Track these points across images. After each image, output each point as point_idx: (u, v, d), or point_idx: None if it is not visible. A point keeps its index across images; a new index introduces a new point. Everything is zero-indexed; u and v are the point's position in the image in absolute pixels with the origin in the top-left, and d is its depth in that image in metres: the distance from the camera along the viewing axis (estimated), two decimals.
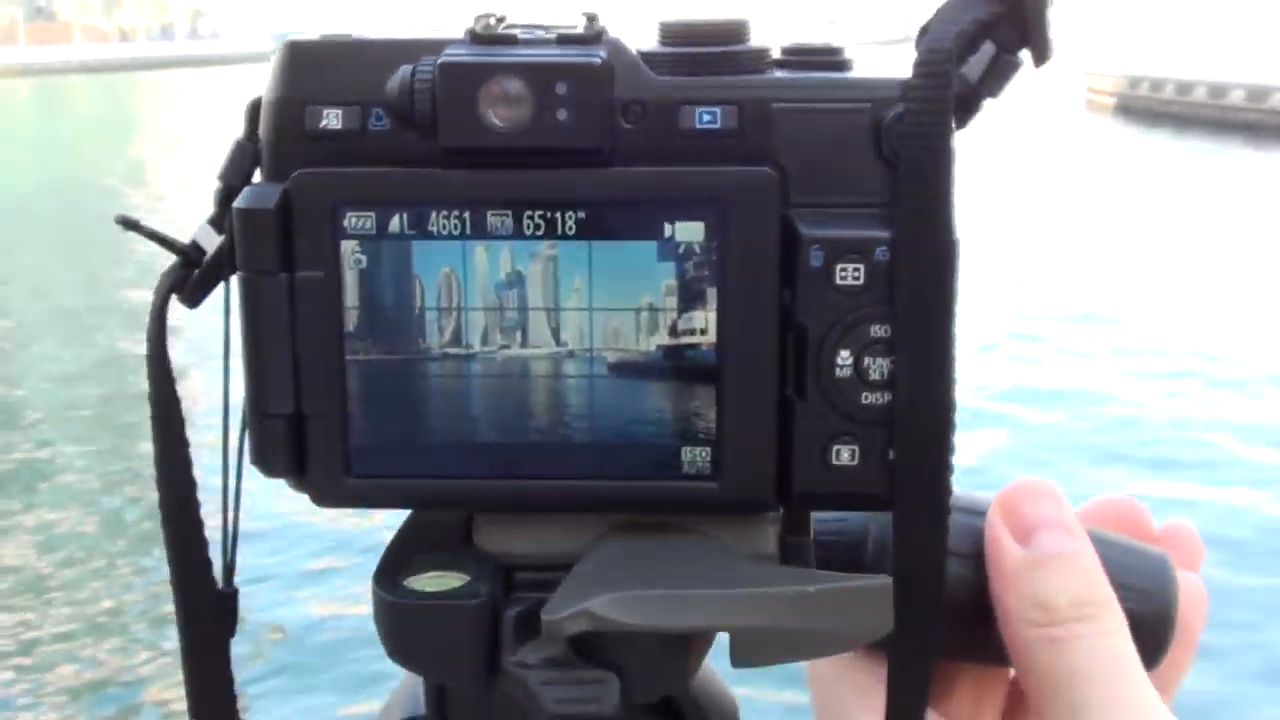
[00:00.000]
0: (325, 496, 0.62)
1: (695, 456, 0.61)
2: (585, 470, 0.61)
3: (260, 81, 0.63)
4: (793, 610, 0.59)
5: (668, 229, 0.59)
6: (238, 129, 0.63)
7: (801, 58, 0.62)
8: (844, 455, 0.61)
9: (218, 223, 0.64)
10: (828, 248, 0.59)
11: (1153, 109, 39.04)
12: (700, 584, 0.59)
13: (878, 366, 0.60)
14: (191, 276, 0.64)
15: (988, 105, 0.61)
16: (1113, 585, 0.71)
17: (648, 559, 0.61)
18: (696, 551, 0.62)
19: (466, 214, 0.60)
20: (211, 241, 0.64)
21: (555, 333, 0.60)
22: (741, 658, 0.59)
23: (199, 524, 0.67)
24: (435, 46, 0.60)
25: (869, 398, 0.60)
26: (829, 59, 0.62)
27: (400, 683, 0.75)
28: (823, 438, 0.61)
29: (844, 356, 0.60)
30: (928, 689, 0.62)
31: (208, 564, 0.67)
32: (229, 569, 0.68)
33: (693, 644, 0.64)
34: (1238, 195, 20.06)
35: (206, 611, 0.68)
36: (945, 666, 0.72)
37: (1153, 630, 0.71)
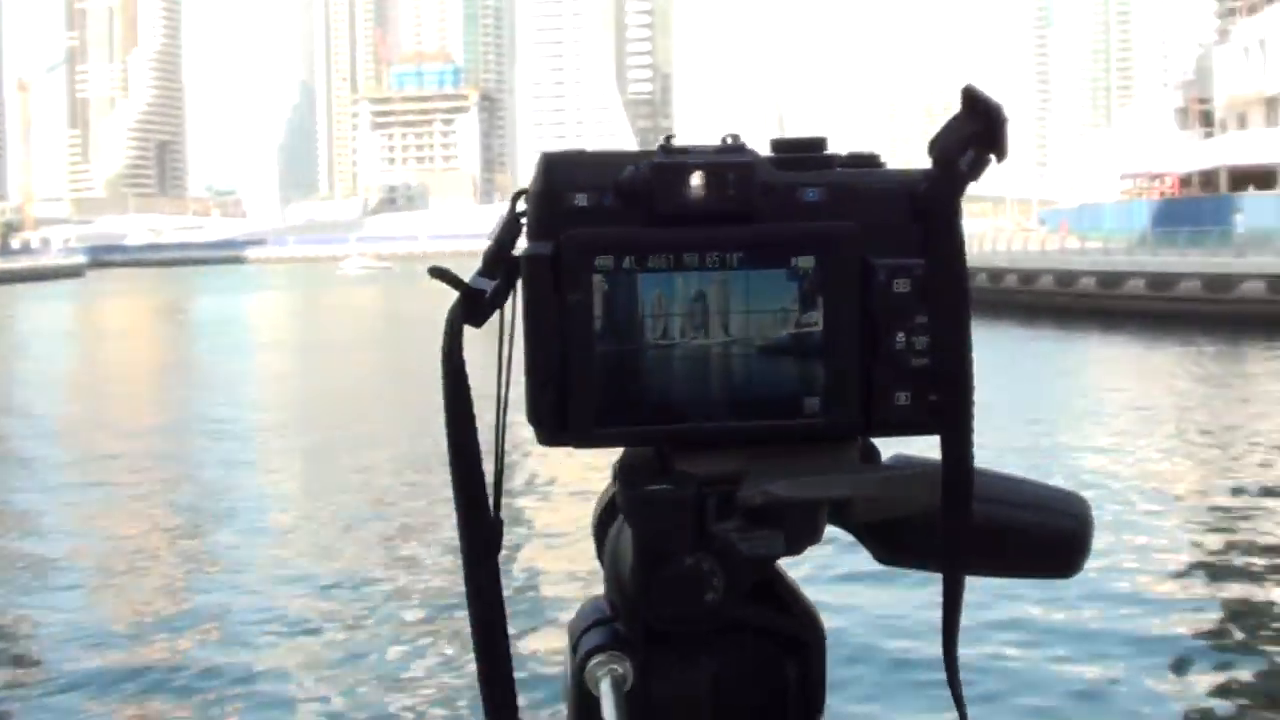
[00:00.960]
0: (580, 442, 0.99)
1: (812, 403, 0.99)
2: (745, 414, 0.98)
3: None
4: (880, 485, 0.97)
5: (793, 261, 0.98)
6: None
7: (857, 158, 1.02)
8: (902, 399, 0.99)
9: (487, 272, 1.01)
10: (887, 270, 0.98)
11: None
12: (826, 472, 0.97)
13: (920, 341, 0.98)
14: (478, 306, 1.01)
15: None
16: (1043, 509, 1.10)
17: (784, 462, 0.99)
18: (816, 461, 1.00)
19: (670, 256, 0.97)
20: (481, 284, 1.01)
21: (725, 328, 0.98)
22: (853, 515, 0.97)
23: (480, 479, 1.03)
24: (638, 156, 0.98)
25: (915, 361, 0.98)
26: (872, 158, 1.02)
27: (585, 600, 1.11)
28: (889, 387, 0.99)
29: (899, 337, 0.98)
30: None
31: (484, 500, 1.03)
32: (497, 502, 1.04)
33: (819, 516, 1.01)
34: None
35: (480, 536, 1.03)
36: None
37: (1078, 538, 1.10)
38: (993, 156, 0.98)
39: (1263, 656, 10.09)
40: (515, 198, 1.01)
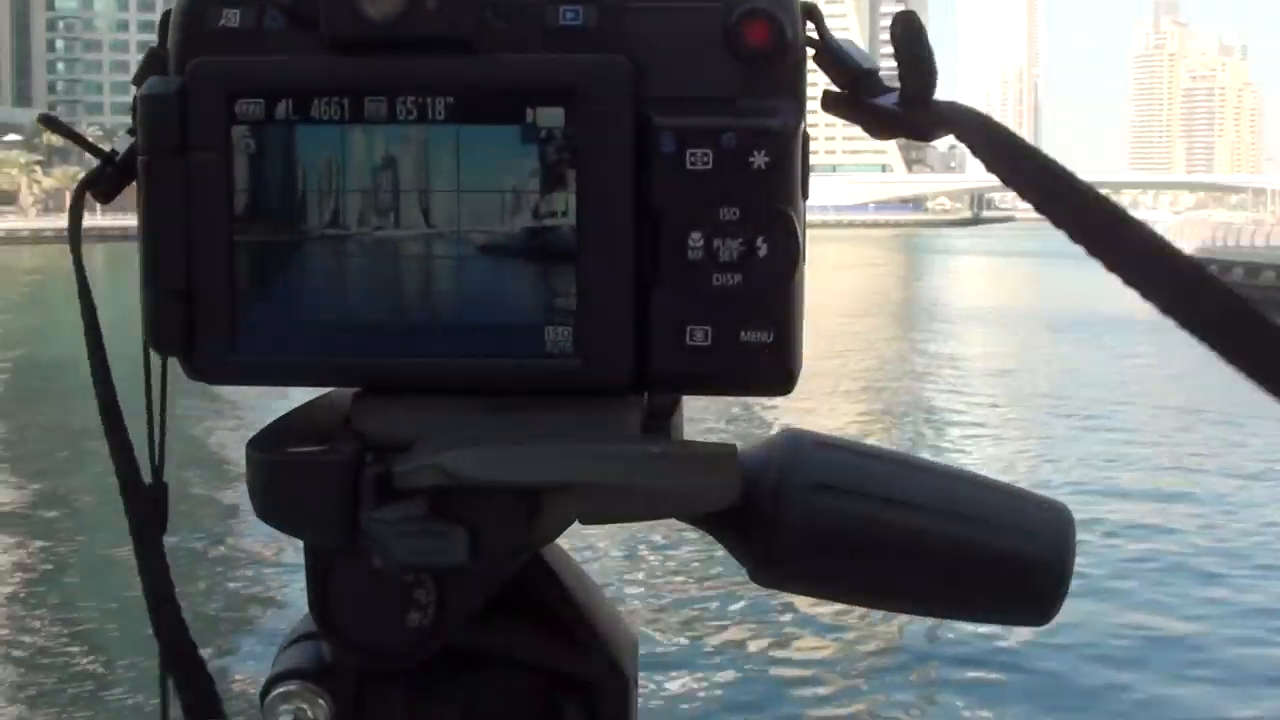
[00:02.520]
0: (212, 373, 0.66)
1: (558, 335, 0.64)
2: (455, 348, 0.65)
3: None
4: (637, 468, 0.62)
5: (529, 114, 0.63)
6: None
7: None
8: (698, 336, 0.64)
9: (134, 130, 0.68)
10: (679, 134, 0.63)
11: None
12: (548, 443, 0.62)
13: (728, 249, 0.63)
14: (103, 174, 0.69)
15: None
16: (1011, 530, 0.74)
17: (500, 426, 0.65)
18: (550, 423, 0.66)
19: (345, 100, 0.64)
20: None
21: (425, 214, 0.64)
22: (588, 514, 0.62)
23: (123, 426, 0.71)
24: None
25: (720, 279, 0.63)
26: None
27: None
28: (678, 320, 0.64)
29: (695, 239, 0.63)
30: None
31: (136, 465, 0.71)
32: (157, 469, 0.72)
33: (544, 505, 0.67)
34: None
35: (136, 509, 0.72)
36: None
37: (1044, 577, 0.73)
38: None
39: None
40: (163, 21, 0.68)
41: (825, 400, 17.97)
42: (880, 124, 0.68)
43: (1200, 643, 9.00)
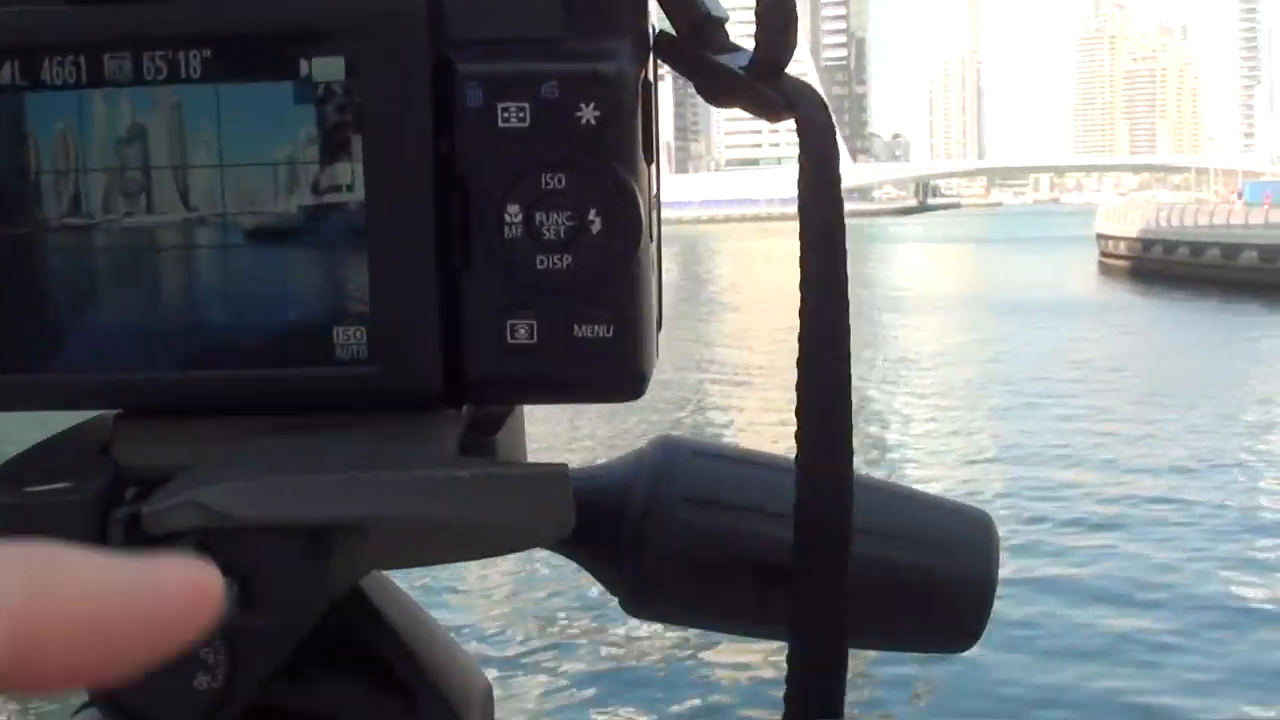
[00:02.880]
0: None
1: (349, 338, 0.53)
2: (226, 359, 0.53)
3: None
4: (443, 500, 0.50)
5: (303, 66, 0.52)
6: None
7: None
8: (520, 332, 0.53)
9: None
10: (487, 85, 0.52)
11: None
12: (333, 473, 0.50)
13: (553, 224, 0.52)
14: None
15: None
16: (923, 544, 0.65)
17: (280, 453, 0.53)
18: (339, 448, 0.54)
19: (83, 58, 0.52)
20: None
21: (183, 195, 0.53)
22: (383, 558, 0.50)
23: None
24: None
25: (545, 261, 0.52)
26: None
27: None
28: (495, 313, 0.53)
29: (513, 213, 0.52)
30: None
31: None
32: None
33: (336, 549, 0.55)
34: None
35: None
36: None
37: (964, 596, 0.63)
38: None
39: None
40: None
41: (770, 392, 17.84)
42: (717, 86, 0.56)
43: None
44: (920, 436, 15.13)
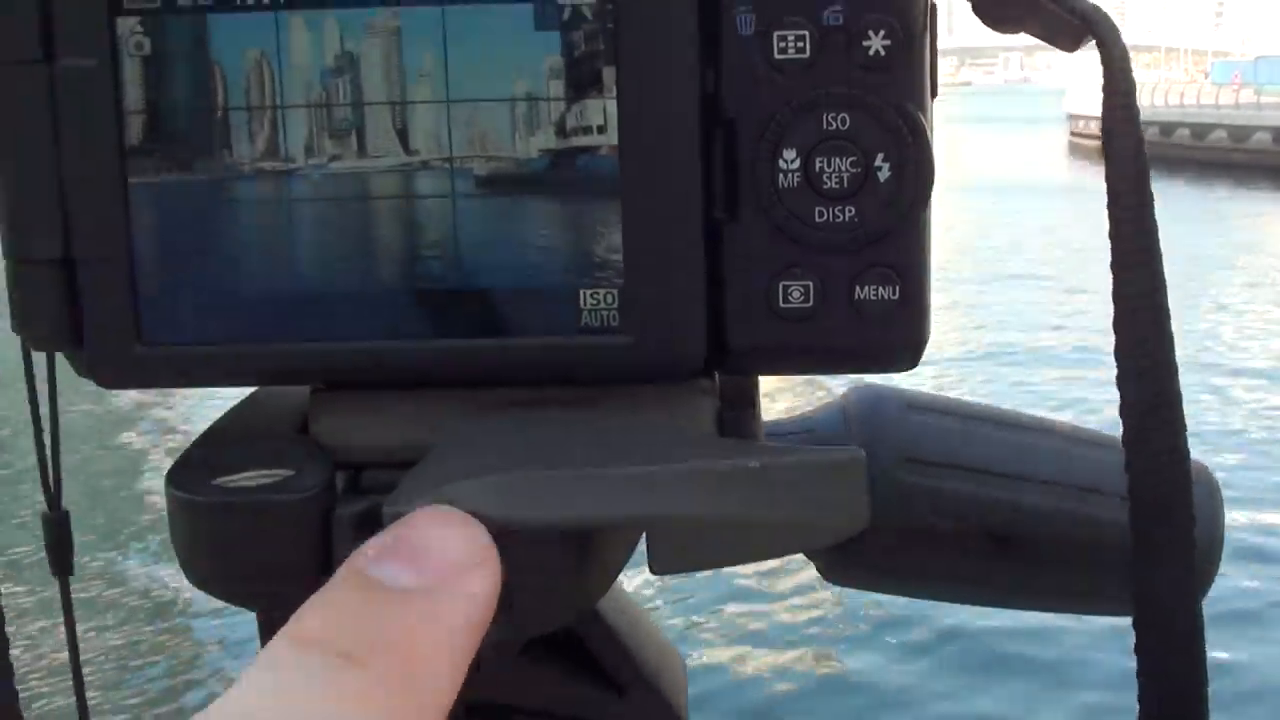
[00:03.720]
0: (110, 373, 0.47)
1: (598, 302, 0.45)
2: (452, 326, 0.46)
3: None
4: (729, 493, 0.43)
5: None
6: None
7: None
8: (795, 295, 0.45)
9: None
10: (760, 9, 0.44)
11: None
12: (599, 463, 0.43)
13: (835, 170, 0.44)
14: None
15: None
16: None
17: (529, 438, 0.46)
18: (596, 428, 0.47)
19: None
20: None
21: (403, 136, 0.45)
22: (663, 561, 0.43)
23: None
24: None
25: (825, 214, 0.45)
26: None
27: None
28: (766, 272, 0.45)
29: (789, 158, 0.44)
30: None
31: None
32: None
33: (595, 552, 0.48)
34: None
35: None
36: None
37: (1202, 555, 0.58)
38: None
39: None
40: None
41: None
42: (1002, 7, 0.49)
43: None
44: None
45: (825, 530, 0.44)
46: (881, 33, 0.44)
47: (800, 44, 0.44)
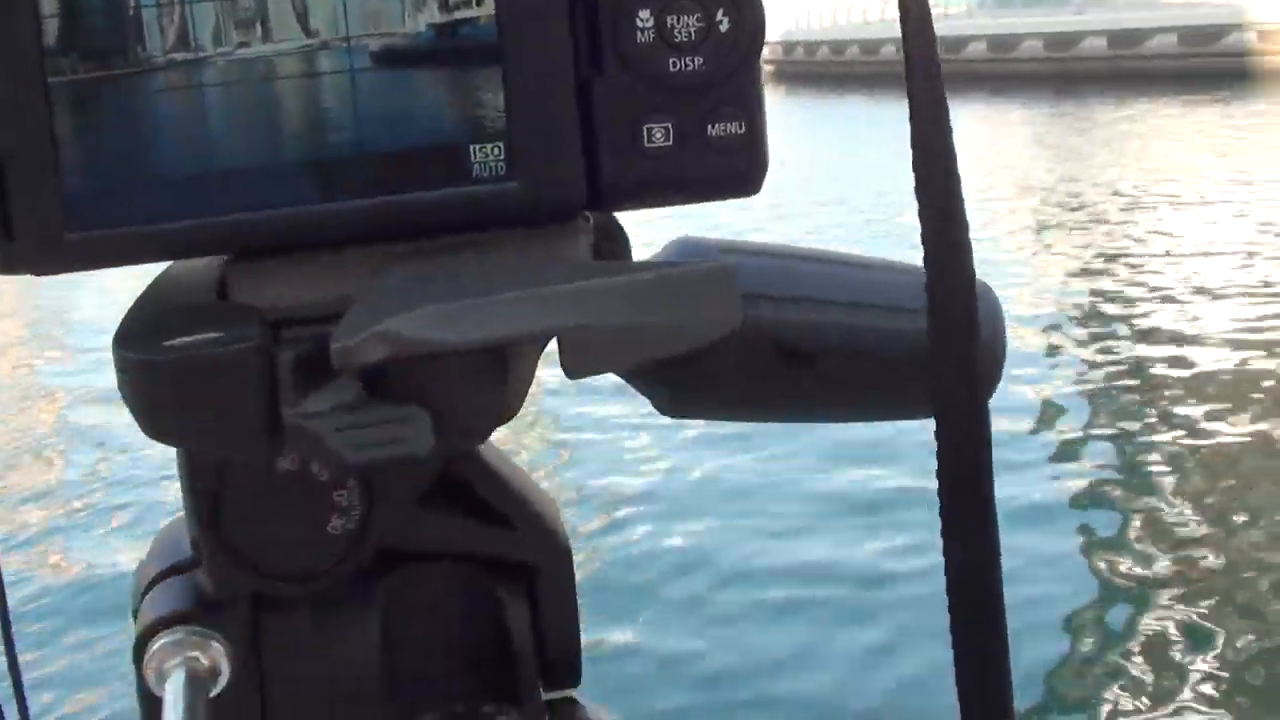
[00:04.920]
0: (41, 261, 0.51)
1: (486, 155, 0.52)
2: (357, 188, 0.52)
3: None
4: (626, 303, 0.50)
5: None
6: None
7: None
8: (657, 135, 0.53)
9: None
10: None
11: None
12: (514, 287, 0.50)
13: (683, 26, 0.52)
14: None
15: None
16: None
17: (446, 275, 0.52)
18: (500, 262, 0.53)
19: None
20: None
21: (303, 20, 0.50)
22: (574, 365, 0.50)
23: None
24: None
25: (677, 64, 0.52)
26: None
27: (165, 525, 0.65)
28: (630, 118, 0.52)
29: (644, 17, 0.52)
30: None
31: None
32: None
33: (512, 367, 0.55)
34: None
35: None
36: None
37: (989, 361, 0.66)
38: None
39: None
40: None
41: None
42: None
43: None
44: None
45: (706, 328, 0.52)
46: None
47: None
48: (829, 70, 41.77)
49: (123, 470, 6.76)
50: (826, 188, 16.37)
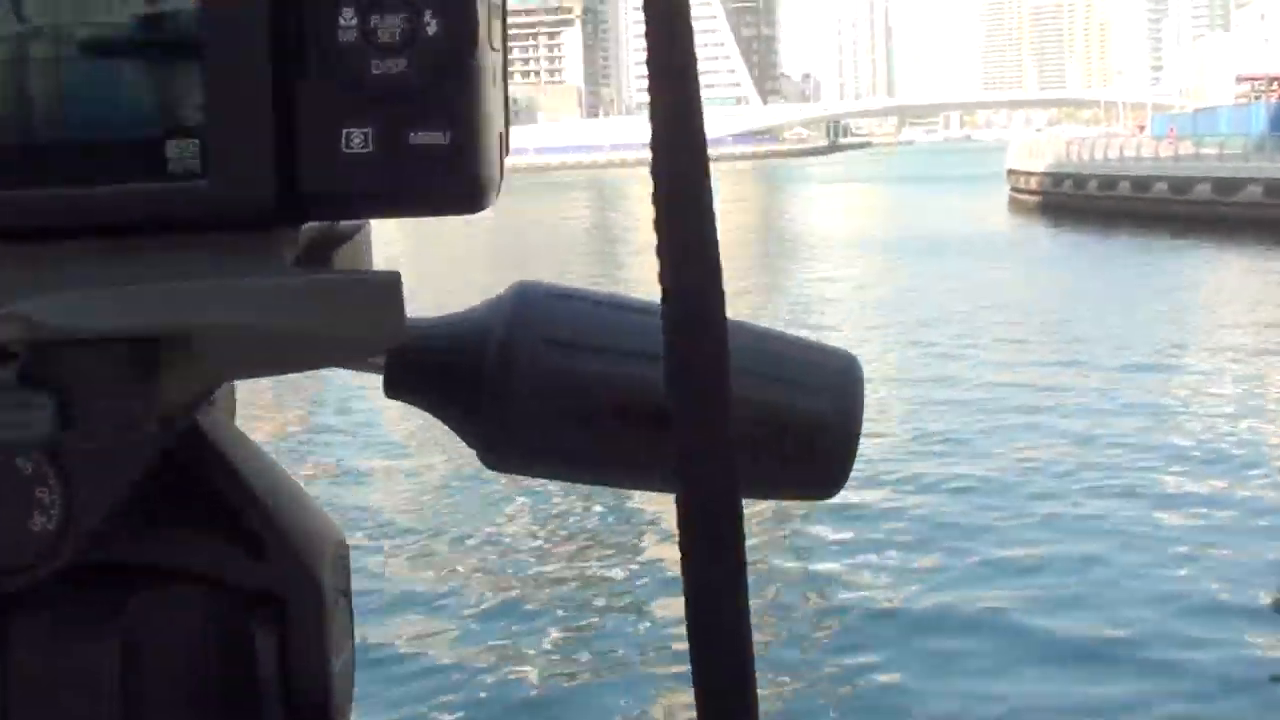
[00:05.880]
0: None
1: (182, 150, 0.52)
2: (52, 176, 0.52)
3: None
4: (270, 307, 0.50)
5: None
6: None
7: None
8: (356, 141, 0.52)
9: None
10: None
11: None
12: (159, 281, 0.49)
13: (388, 26, 0.51)
14: None
15: None
16: (790, 384, 0.64)
17: (107, 269, 0.52)
18: (173, 263, 0.52)
19: None
20: None
21: (16, 6, 0.52)
22: (214, 368, 0.49)
23: None
24: None
25: (380, 66, 0.51)
26: None
27: None
28: (330, 122, 0.52)
29: (347, 16, 0.51)
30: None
31: None
32: None
33: (165, 361, 0.53)
34: None
35: None
36: None
37: (833, 438, 0.63)
38: None
39: None
40: None
41: None
42: None
43: None
44: None
45: (364, 341, 0.51)
46: None
47: None
48: (1096, 205, 41.02)
49: None
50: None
